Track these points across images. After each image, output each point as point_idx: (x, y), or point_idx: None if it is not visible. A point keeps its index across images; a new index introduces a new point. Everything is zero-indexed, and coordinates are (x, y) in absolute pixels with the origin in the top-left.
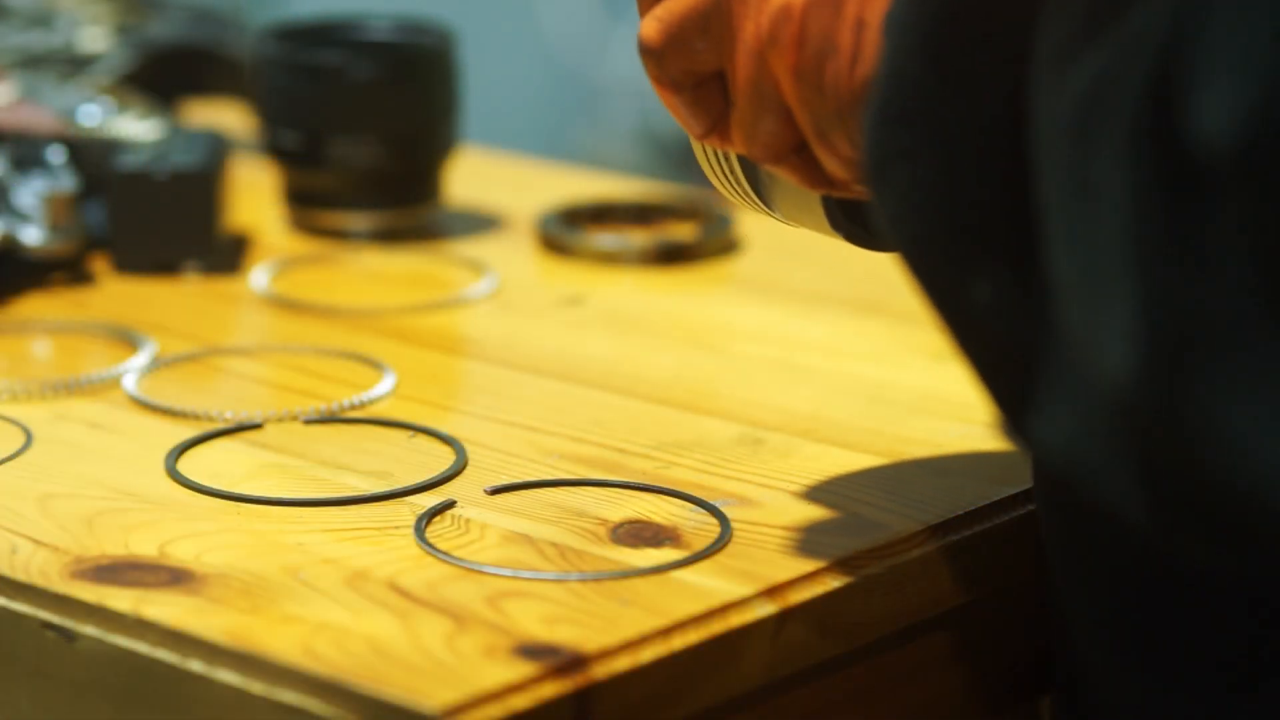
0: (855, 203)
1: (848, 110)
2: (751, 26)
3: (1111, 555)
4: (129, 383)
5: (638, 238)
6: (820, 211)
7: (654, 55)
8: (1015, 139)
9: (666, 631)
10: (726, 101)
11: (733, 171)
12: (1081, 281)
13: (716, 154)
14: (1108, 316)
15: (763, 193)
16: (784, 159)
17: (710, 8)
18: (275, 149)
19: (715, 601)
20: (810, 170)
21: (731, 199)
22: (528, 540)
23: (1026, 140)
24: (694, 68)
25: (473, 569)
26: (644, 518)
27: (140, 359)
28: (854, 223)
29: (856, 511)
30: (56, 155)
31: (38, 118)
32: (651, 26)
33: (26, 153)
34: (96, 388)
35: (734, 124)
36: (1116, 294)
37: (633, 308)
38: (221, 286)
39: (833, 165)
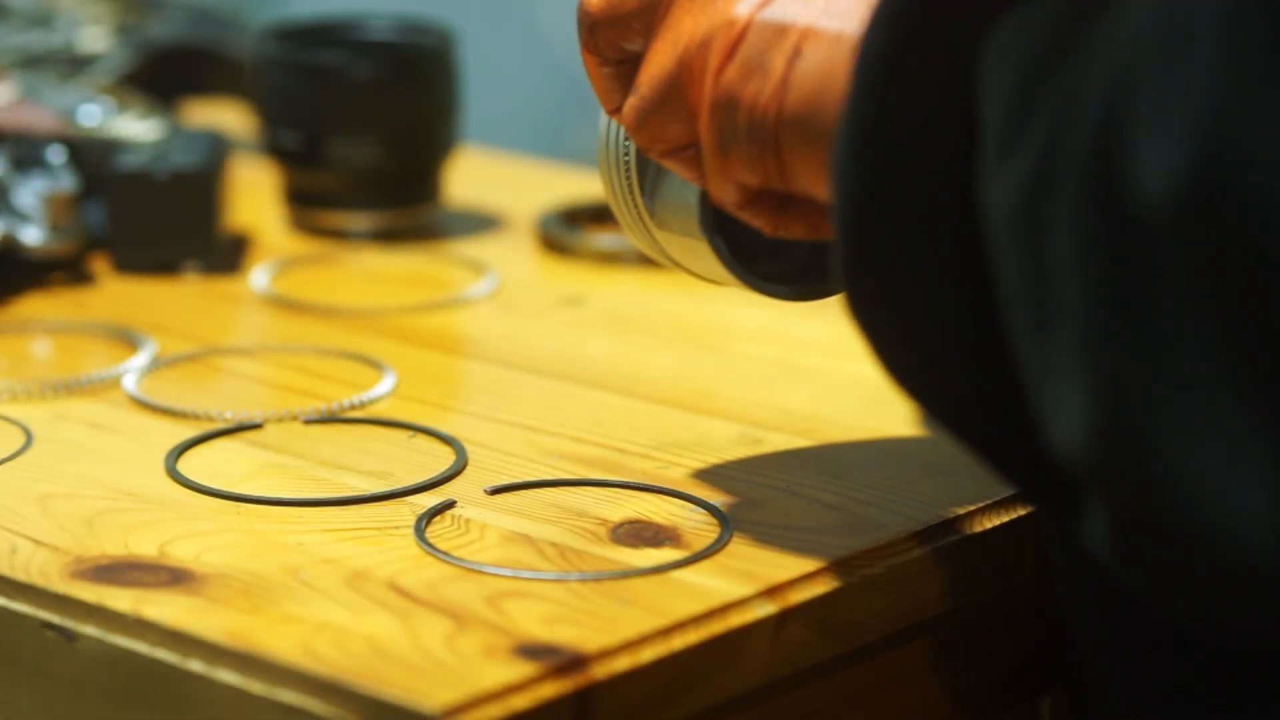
0: (729, 219)
1: (758, 132)
2: (689, 22)
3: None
4: (129, 383)
5: None
6: (694, 213)
7: (588, 22)
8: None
9: (666, 631)
10: (632, 76)
11: (627, 168)
12: (1038, 352)
13: (618, 146)
14: (1065, 382)
15: (645, 186)
16: (668, 155)
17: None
18: (275, 149)
19: (715, 601)
20: (691, 169)
21: (614, 200)
22: (528, 540)
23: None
24: (623, 43)
25: (473, 569)
26: (644, 518)
27: (140, 359)
28: (721, 235)
29: (856, 511)
30: (56, 155)
31: (38, 118)
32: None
33: (26, 153)
34: (96, 388)
35: (630, 107)
36: (1072, 356)
37: (633, 308)
38: (221, 286)
39: (719, 181)
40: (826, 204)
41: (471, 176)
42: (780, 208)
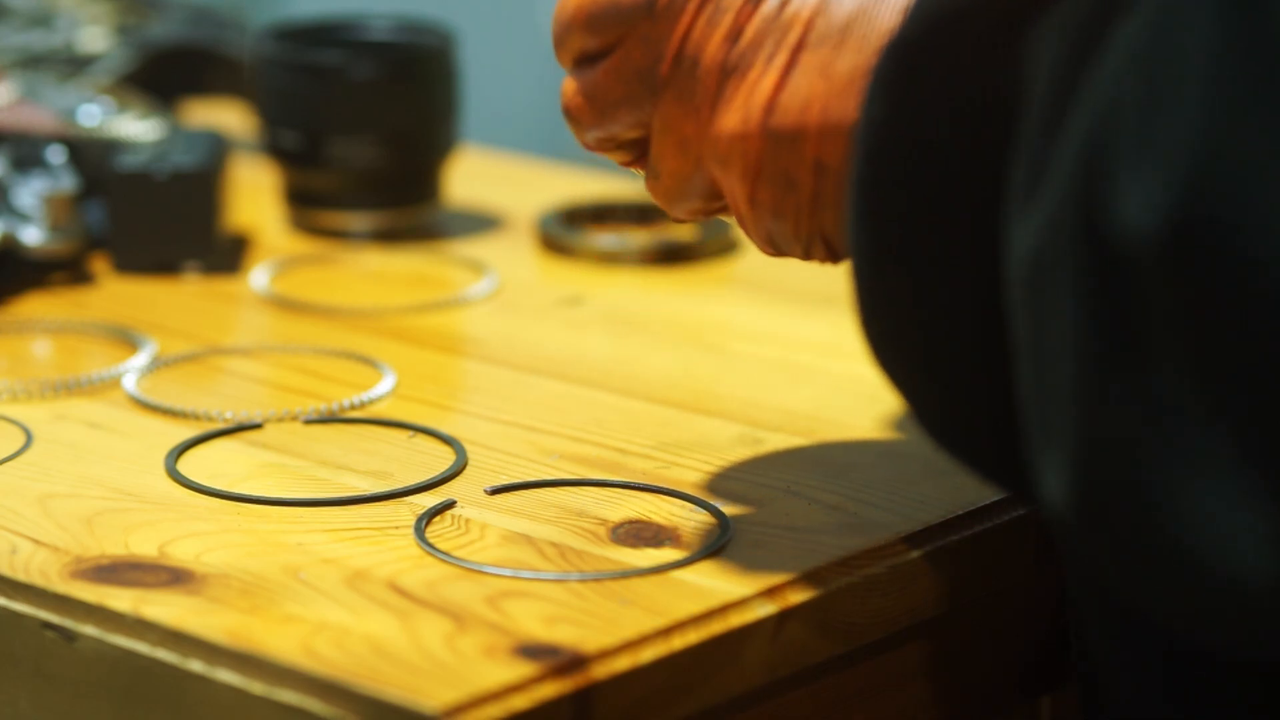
0: None
1: (800, 233)
2: (691, 128)
3: None
4: (129, 383)
5: (638, 238)
6: None
7: (575, 122)
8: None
9: (666, 631)
10: (645, 153)
11: None
12: (1034, 405)
13: None
14: (1055, 437)
15: None
16: (702, 214)
17: (642, 98)
18: (275, 149)
19: (715, 601)
20: (727, 212)
21: None
22: (528, 540)
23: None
24: (616, 139)
25: (473, 569)
26: (644, 518)
27: (140, 359)
28: None
29: (856, 511)
30: (56, 155)
31: (38, 118)
32: (577, 101)
33: (26, 153)
34: (96, 388)
35: (655, 192)
36: (1062, 407)
37: (633, 308)
38: (221, 286)
39: (757, 240)
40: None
41: (471, 176)
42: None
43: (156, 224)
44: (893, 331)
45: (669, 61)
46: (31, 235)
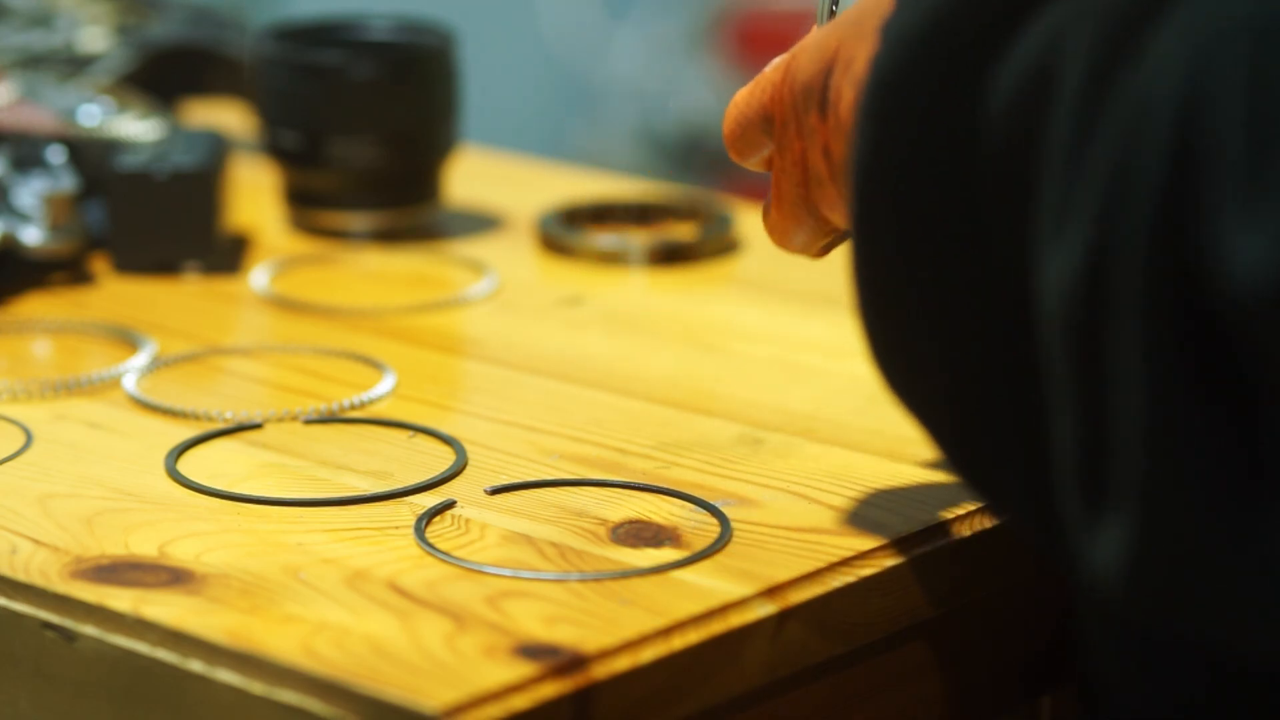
0: None
1: None
2: (797, 149)
3: None
4: (129, 383)
5: (638, 238)
6: None
7: (726, 140)
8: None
9: (666, 631)
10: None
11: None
12: (1086, 463)
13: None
14: (1113, 504)
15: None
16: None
17: (769, 113)
18: (275, 149)
19: (715, 601)
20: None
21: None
22: (528, 540)
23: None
24: (760, 156)
25: (473, 569)
26: (644, 518)
27: (140, 359)
28: None
29: (856, 511)
30: (56, 155)
31: (38, 118)
32: (729, 114)
33: (26, 153)
34: (96, 388)
35: (769, 226)
36: (1135, 452)
37: (633, 308)
38: (221, 286)
39: None
40: None
41: (471, 176)
42: None
43: (156, 224)
44: (899, 353)
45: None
46: (31, 235)
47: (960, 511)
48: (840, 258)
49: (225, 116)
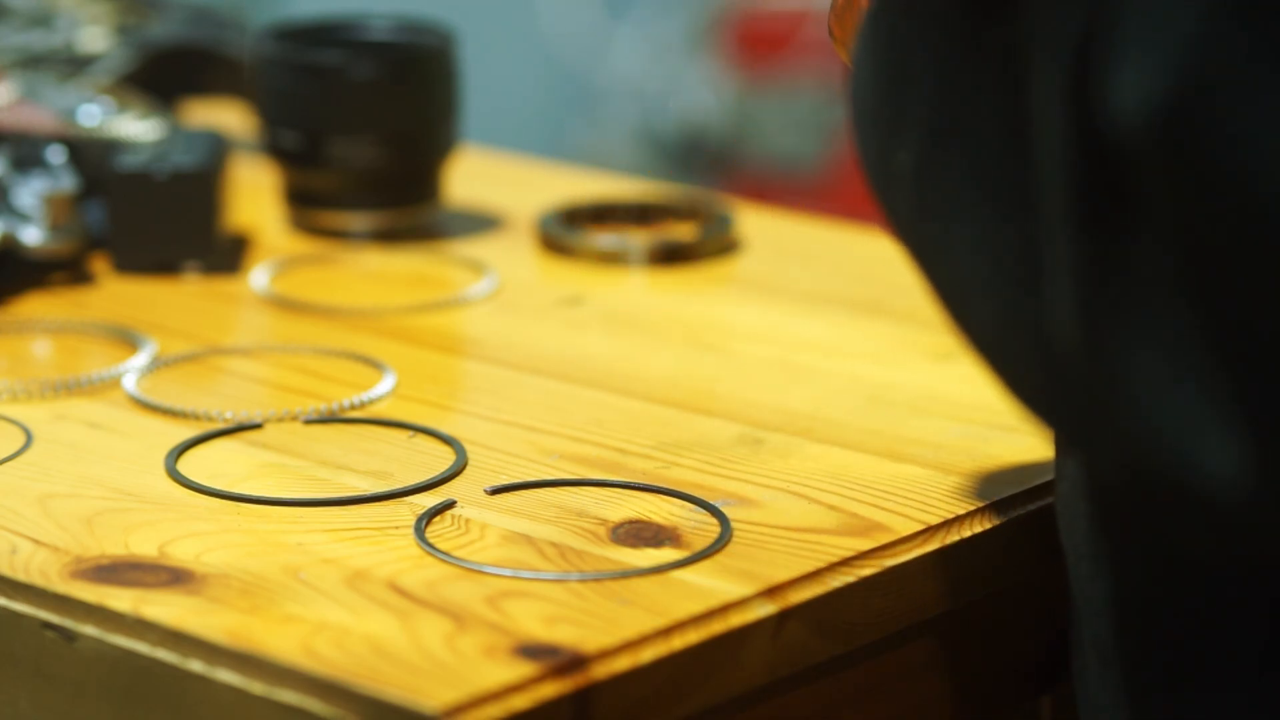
0: None
1: None
2: None
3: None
4: (129, 383)
5: (638, 238)
6: None
7: None
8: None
9: (666, 631)
10: None
11: None
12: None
13: None
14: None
15: None
16: None
17: None
18: (275, 149)
19: (715, 601)
20: None
21: None
22: (528, 540)
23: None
24: None
25: (473, 569)
26: (644, 518)
27: (140, 359)
28: None
29: (856, 511)
30: (56, 155)
31: (38, 118)
32: None
33: (26, 153)
34: (96, 388)
35: None
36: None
37: (633, 308)
38: (221, 286)
39: None
40: None
41: (471, 176)
42: None
43: (156, 224)
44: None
45: None
46: (31, 235)
47: (960, 512)
48: (840, 261)
49: (225, 116)
